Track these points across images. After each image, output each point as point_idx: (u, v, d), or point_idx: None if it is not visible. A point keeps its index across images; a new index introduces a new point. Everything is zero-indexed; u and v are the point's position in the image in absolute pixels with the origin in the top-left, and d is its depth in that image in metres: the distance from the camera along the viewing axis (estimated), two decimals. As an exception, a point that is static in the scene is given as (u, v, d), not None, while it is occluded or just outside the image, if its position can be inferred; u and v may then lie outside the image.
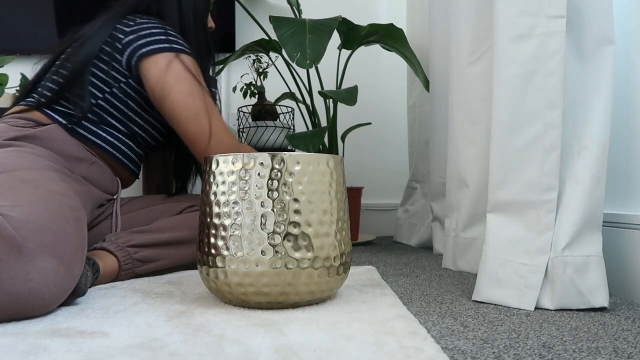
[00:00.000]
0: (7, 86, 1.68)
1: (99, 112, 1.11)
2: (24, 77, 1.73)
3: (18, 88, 1.74)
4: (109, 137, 1.13)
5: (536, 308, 0.80)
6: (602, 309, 0.80)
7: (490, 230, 0.87)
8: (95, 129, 1.11)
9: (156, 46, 1.08)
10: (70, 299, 0.79)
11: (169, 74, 1.06)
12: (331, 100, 1.70)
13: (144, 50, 1.08)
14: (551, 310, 0.79)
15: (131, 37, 1.09)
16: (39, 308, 0.71)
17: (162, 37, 1.09)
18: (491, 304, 0.84)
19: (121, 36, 1.10)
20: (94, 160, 1.10)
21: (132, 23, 1.11)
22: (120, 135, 1.15)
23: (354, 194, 1.79)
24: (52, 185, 0.85)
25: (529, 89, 0.83)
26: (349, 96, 1.42)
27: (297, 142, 1.44)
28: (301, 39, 1.29)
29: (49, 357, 0.55)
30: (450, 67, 1.22)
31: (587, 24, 0.83)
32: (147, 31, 1.09)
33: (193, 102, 1.08)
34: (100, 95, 1.10)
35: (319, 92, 1.53)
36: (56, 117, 1.08)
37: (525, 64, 0.83)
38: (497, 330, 0.68)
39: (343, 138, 1.83)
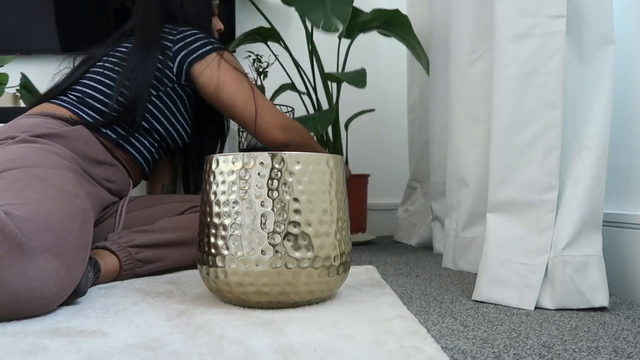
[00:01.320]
0: (7, 85, 1.68)
1: (142, 116, 1.17)
2: (24, 76, 1.73)
3: (18, 87, 1.74)
4: (136, 143, 1.18)
5: (536, 308, 0.80)
6: (602, 309, 0.80)
7: (490, 230, 0.87)
8: (128, 137, 1.16)
9: (204, 49, 1.21)
10: (71, 299, 0.79)
11: (220, 70, 1.21)
12: (335, 88, 1.67)
13: (194, 55, 1.20)
14: (551, 310, 0.79)
15: (179, 44, 1.20)
16: (39, 307, 0.71)
17: (206, 41, 1.22)
18: (491, 303, 0.84)
19: (170, 45, 1.20)
20: (114, 163, 1.13)
21: (175, 32, 1.22)
22: (145, 141, 1.20)
23: (359, 182, 1.73)
24: (67, 185, 0.87)
25: (529, 89, 0.83)
26: (358, 78, 1.38)
27: (305, 124, 1.41)
28: (322, 4, 1.28)
29: (49, 356, 0.55)
30: (451, 67, 1.21)
31: (587, 24, 0.83)
32: (192, 38, 1.22)
33: (243, 89, 1.22)
34: (147, 98, 1.17)
35: (326, 74, 1.50)
36: (97, 125, 1.12)
37: (525, 63, 0.83)
38: (497, 330, 0.68)
39: (346, 126, 1.81)
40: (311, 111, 1.76)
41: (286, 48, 1.70)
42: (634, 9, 0.92)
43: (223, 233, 0.76)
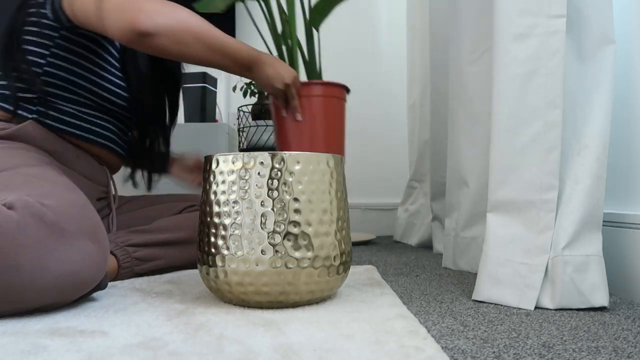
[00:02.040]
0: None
1: (51, 83, 1.01)
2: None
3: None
4: (75, 120, 1.05)
5: (536, 307, 0.80)
6: (602, 309, 0.80)
7: (490, 229, 0.87)
8: (60, 115, 1.03)
9: None
10: (92, 292, 0.80)
11: None
12: None
13: None
14: (551, 309, 0.79)
15: None
16: (79, 289, 0.75)
17: None
18: (491, 303, 0.84)
19: None
20: (77, 152, 1.06)
21: None
22: (80, 114, 1.06)
23: (334, 92, 1.21)
24: (57, 179, 0.86)
25: (529, 89, 0.83)
26: None
27: (206, 3, 1.25)
28: None
29: (49, 356, 0.55)
30: (451, 66, 1.22)
31: (587, 24, 0.83)
32: None
33: None
34: (43, 61, 1.00)
35: None
36: (23, 113, 1.01)
37: (526, 63, 0.83)
38: (497, 330, 0.68)
39: (316, 25, 1.41)
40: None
41: None
42: (633, 9, 0.92)
43: (223, 233, 0.76)
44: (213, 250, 0.77)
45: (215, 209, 0.77)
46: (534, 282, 0.81)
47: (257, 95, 1.78)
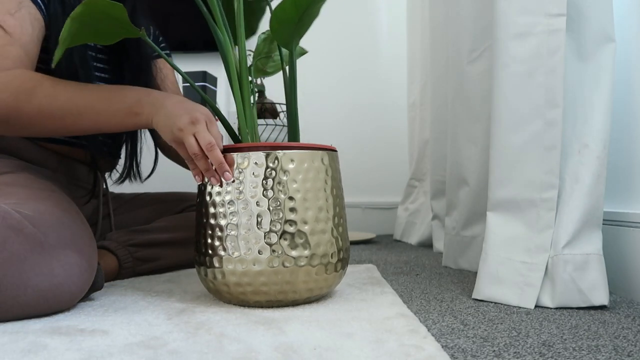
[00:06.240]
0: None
1: None
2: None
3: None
4: None
5: (536, 306, 0.80)
6: (602, 307, 0.79)
7: (490, 228, 0.87)
8: None
9: None
10: (89, 293, 0.79)
11: None
12: None
13: None
14: (551, 308, 0.79)
15: None
16: (65, 302, 0.72)
17: None
18: (491, 302, 0.84)
19: None
20: (60, 158, 1.00)
21: None
22: None
23: None
24: (36, 184, 0.84)
25: (529, 87, 0.83)
26: None
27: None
28: None
29: (49, 355, 0.55)
30: (450, 65, 1.21)
31: (587, 22, 0.83)
32: None
33: None
34: None
35: None
36: None
37: (526, 62, 0.83)
38: (497, 329, 0.68)
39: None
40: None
41: None
42: (633, 8, 0.91)
43: (219, 234, 0.76)
44: (210, 251, 0.77)
45: (211, 210, 0.77)
46: (534, 280, 0.81)
47: (257, 94, 1.78)
